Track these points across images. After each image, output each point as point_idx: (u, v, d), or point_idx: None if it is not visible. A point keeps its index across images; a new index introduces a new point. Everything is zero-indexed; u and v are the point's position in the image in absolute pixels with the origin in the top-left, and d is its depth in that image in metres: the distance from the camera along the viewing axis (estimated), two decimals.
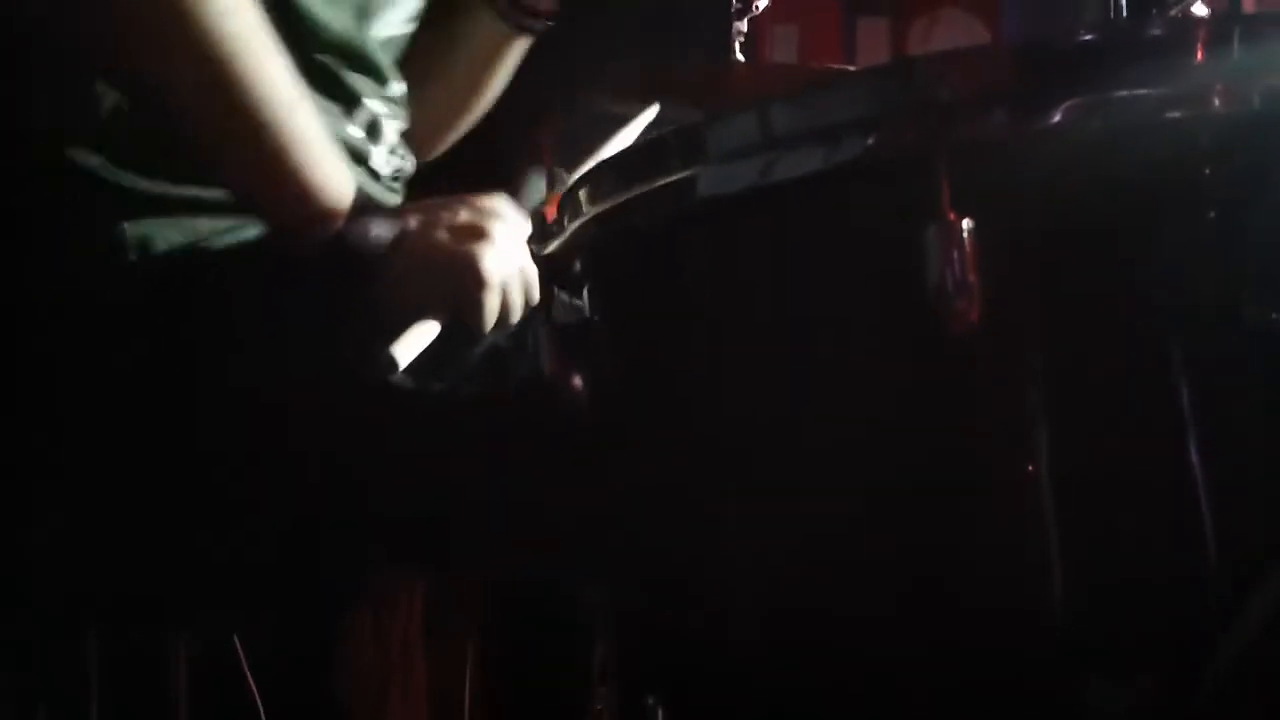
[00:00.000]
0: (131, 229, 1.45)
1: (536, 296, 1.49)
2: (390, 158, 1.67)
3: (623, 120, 1.74)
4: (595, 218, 1.30)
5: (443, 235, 1.48)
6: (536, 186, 1.63)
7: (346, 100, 1.59)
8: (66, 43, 1.42)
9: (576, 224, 1.33)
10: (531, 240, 1.47)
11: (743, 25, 2.12)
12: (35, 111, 1.47)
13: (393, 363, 1.40)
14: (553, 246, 1.39)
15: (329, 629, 1.74)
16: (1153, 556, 1.13)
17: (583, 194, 1.31)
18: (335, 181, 1.45)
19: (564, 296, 1.45)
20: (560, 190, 1.45)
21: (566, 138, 1.89)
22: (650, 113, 1.77)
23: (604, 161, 1.43)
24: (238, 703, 1.65)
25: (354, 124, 1.61)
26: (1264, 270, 1.12)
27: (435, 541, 1.56)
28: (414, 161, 1.73)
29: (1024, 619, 1.13)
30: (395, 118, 1.68)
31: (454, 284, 1.46)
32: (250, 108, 1.39)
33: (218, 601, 1.57)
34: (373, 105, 1.63)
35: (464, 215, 1.49)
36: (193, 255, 1.47)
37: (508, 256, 1.47)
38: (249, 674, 1.62)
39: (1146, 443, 1.13)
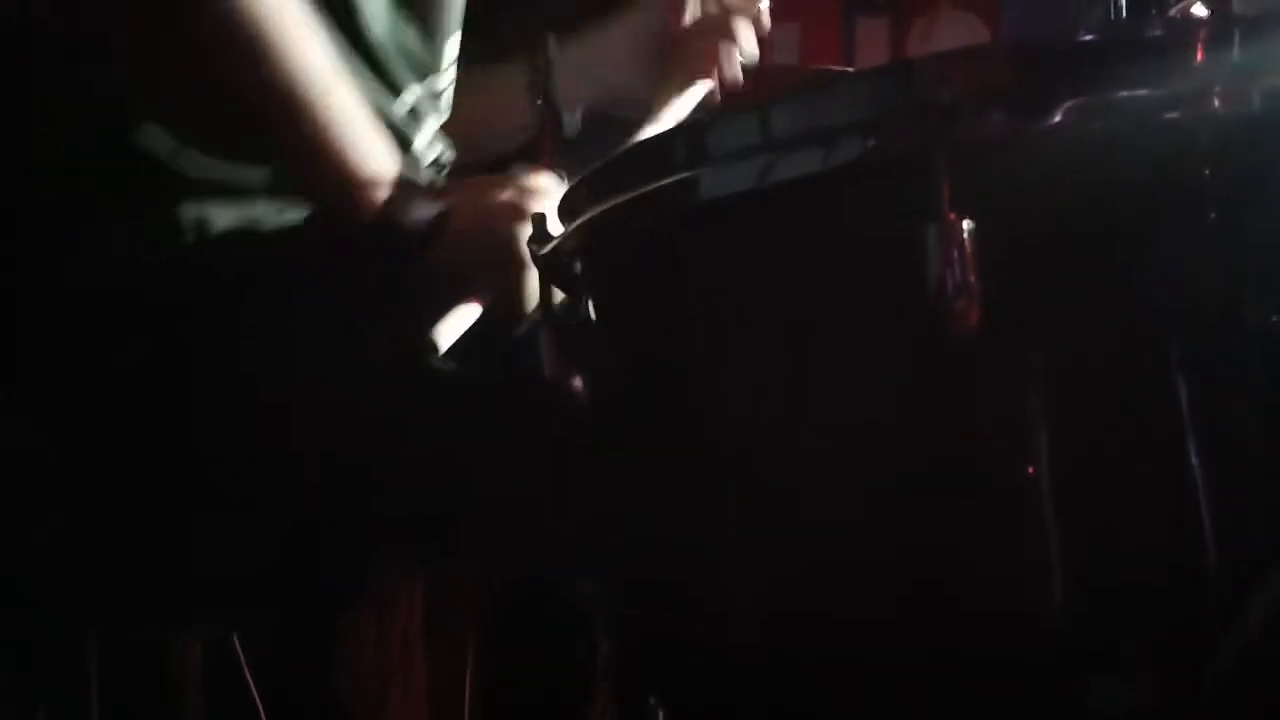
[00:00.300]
0: (188, 211, 1.44)
1: None
2: (435, 146, 1.66)
3: (625, 121, 1.73)
4: (596, 218, 1.30)
5: (485, 215, 1.47)
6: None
7: (392, 86, 1.58)
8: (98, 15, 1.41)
9: (577, 224, 1.33)
10: (531, 240, 1.47)
11: None
12: (93, 90, 1.46)
13: (434, 345, 1.39)
14: (553, 246, 1.39)
15: (329, 629, 1.74)
16: (1153, 557, 1.13)
17: (584, 194, 1.31)
18: (377, 162, 1.44)
19: (564, 296, 1.45)
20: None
21: (568, 140, 1.89)
22: (701, 90, 1.76)
23: (604, 162, 1.43)
24: (238, 703, 1.65)
25: (397, 106, 1.60)
26: (1264, 271, 1.12)
27: (436, 540, 1.56)
28: (453, 152, 1.72)
29: (1024, 620, 1.13)
30: (436, 110, 1.67)
31: (496, 264, 1.45)
32: (284, 82, 1.38)
33: (218, 601, 1.57)
34: (417, 92, 1.62)
35: (507, 194, 1.48)
36: (241, 241, 1.47)
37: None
38: (249, 674, 1.62)
39: (1147, 443, 1.13)
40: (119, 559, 1.49)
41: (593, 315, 1.38)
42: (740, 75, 1.75)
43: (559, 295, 1.44)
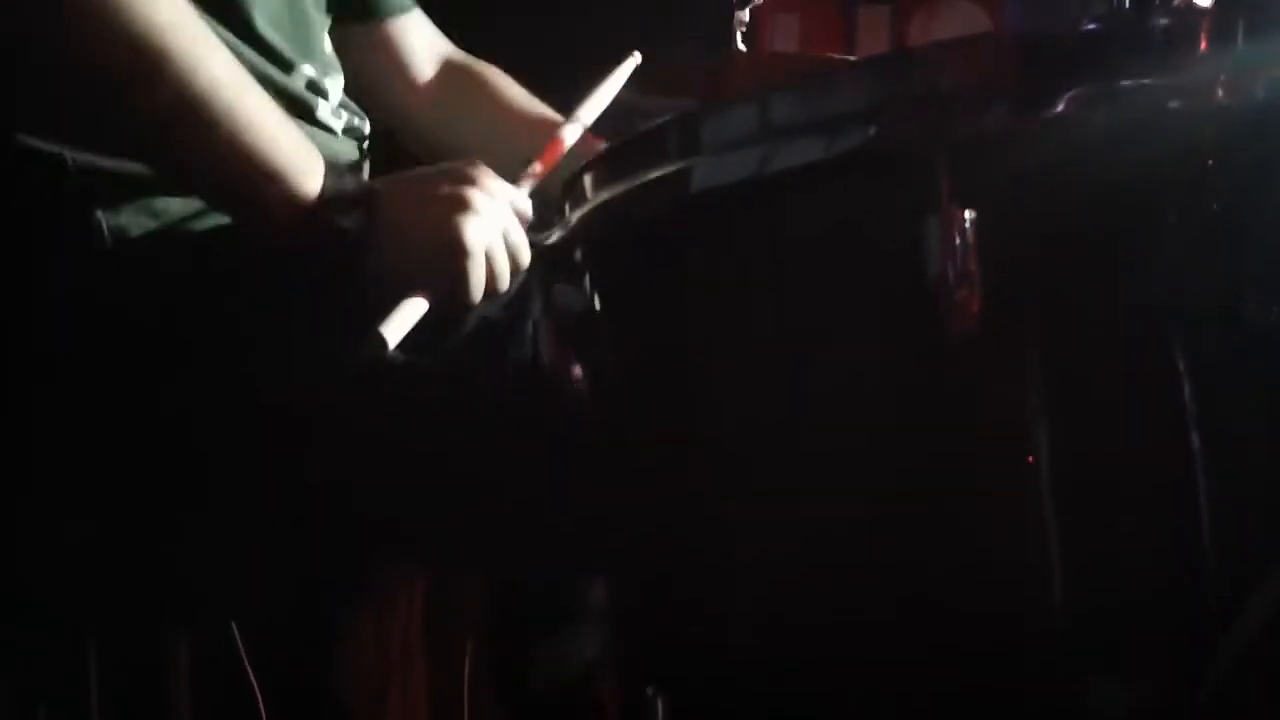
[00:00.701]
0: (106, 218, 1.43)
1: (525, 261, 1.48)
2: (340, 111, 1.65)
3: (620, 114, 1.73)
4: (596, 209, 1.29)
5: (422, 207, 1.46)
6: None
7: (282, 64, 1.58)
8: (6, 43, 1.40)
9: (578, 214, 1.32)
10: (532, 230, 1.46)
11: (744, 14, 2.11)
12: None
13: (382, 342, 1.38)
14: (554, 237, 1.38)
15: (329, 629, 1.74)
16: (1153, 557, 1.12)
17: (584, 184, 1.30)
18: (301, 159, 1.43)
19: (564, 287, 1.45)
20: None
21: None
22: (631, 63, 1.75)
23: (605, 152, 1.42)
24: (238, 703, 1.64)
25: (294, 79, 1.59)
26: (1266, 265, 1.11)
27: (435, 538, 1.55)
28: (369, 122, 1.71)
29: (1024, 620, 1.12)
30: (333, 74, 1.66)
31: (437, 257, 1.44)
32: (197, 96, 1.37)
33: (218, 601, 1.57)
34: (307, 69, 1.61)
35: (443, 186, 1.48)
36: (171, 243, 1.46)
37: (490, 224, 1.45)
38: (250, 674, 1.62)
39: (1147, 440, 1.13)
40: (118, 559, 1.49)
41: (593, 306, 1.38)
42: None
43: (558, 286, 1.44)
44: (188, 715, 1.63)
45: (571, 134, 1.61)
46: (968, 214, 1.09)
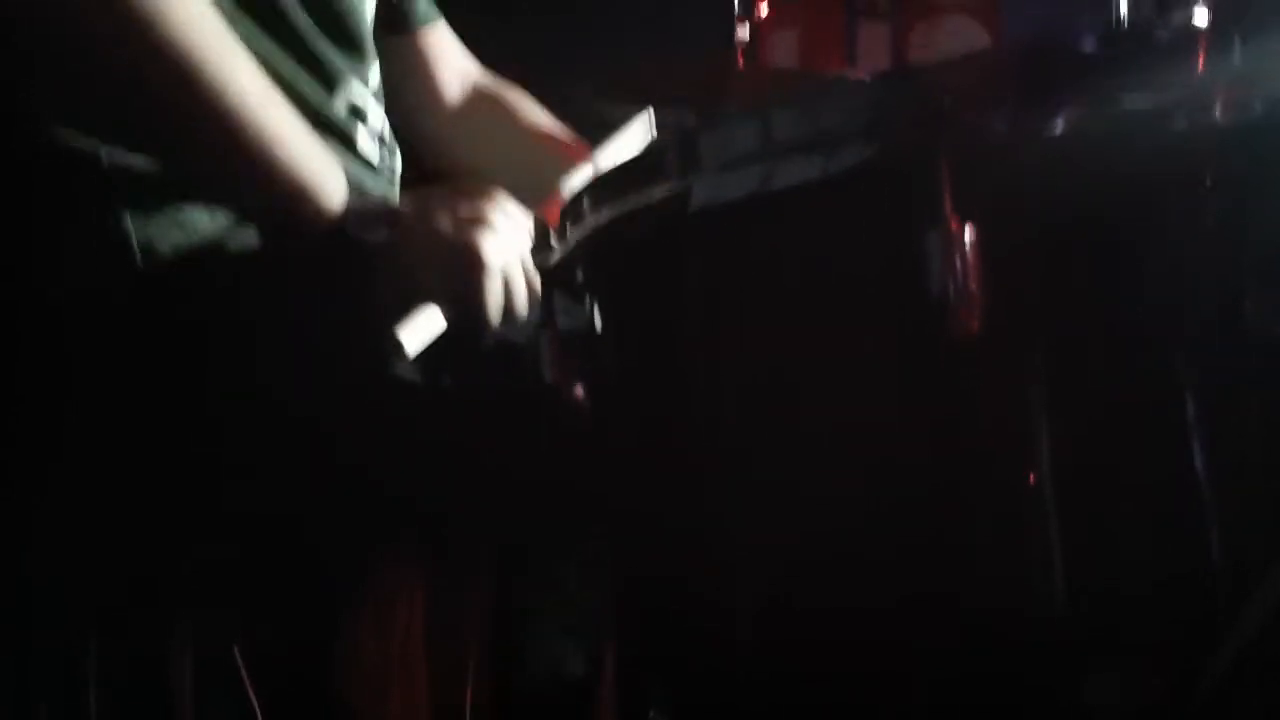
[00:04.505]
0: (137, 231, 1.44)
1: (539, 289, 1.49)
2: (378, 146, 1.66)
3: (618, 125, 1.73)
4: (596, 228, 1.30)
5: (443, 223, 1.47)
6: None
7: (326, 79, 1.59)
8: (33, 45, 1.41)
9: (579, 233, 1.33)
10: (534, 249, 1.47)
11: (744, 31, 2.12)
12: (26, 93, 1.46)
13: (400, 348, 1.39)
14: (556, 256, 1.39)
15: (330, 628, 1.74)
16: (1153, 556, 1.13)
17: (585, 203, 1.31)
18: (325, 176, 1.44)
19: (566, 304, 1.45)
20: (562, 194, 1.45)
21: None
22: (645, 119, 1.76)
23: (605, 171, 1.43)
24: (239, 703, 1.65)
25: (336, 102, 1.60)
26: (1264, 277, 1.12)
27: (440, 539, 1.56)
28: (401, 160, 1.72)
29: (1024, 619, 1.13)
30: (378, 103, 1.67)
31: (456, 271, 1.46)
32: (220, 106, 1.38)
33: (217, 601, 1.57)
34: (354, 86, 1.62)
35: (462, 205, 1.49)
36: (200, 258, 1.47)
37: (508, 244, 1.47)
38: (248, 674, 1.62)
39: (1147, 443, 1.13)
40: (119, 558, 1.49)
41: (595, 322, 1.38)
42: None
43: (561, 302, 1.44)
44: (188, 716, 1.63)
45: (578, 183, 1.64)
46: (968, 227, 1.10)
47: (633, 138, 1.73)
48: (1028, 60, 1.21)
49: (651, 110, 1.76)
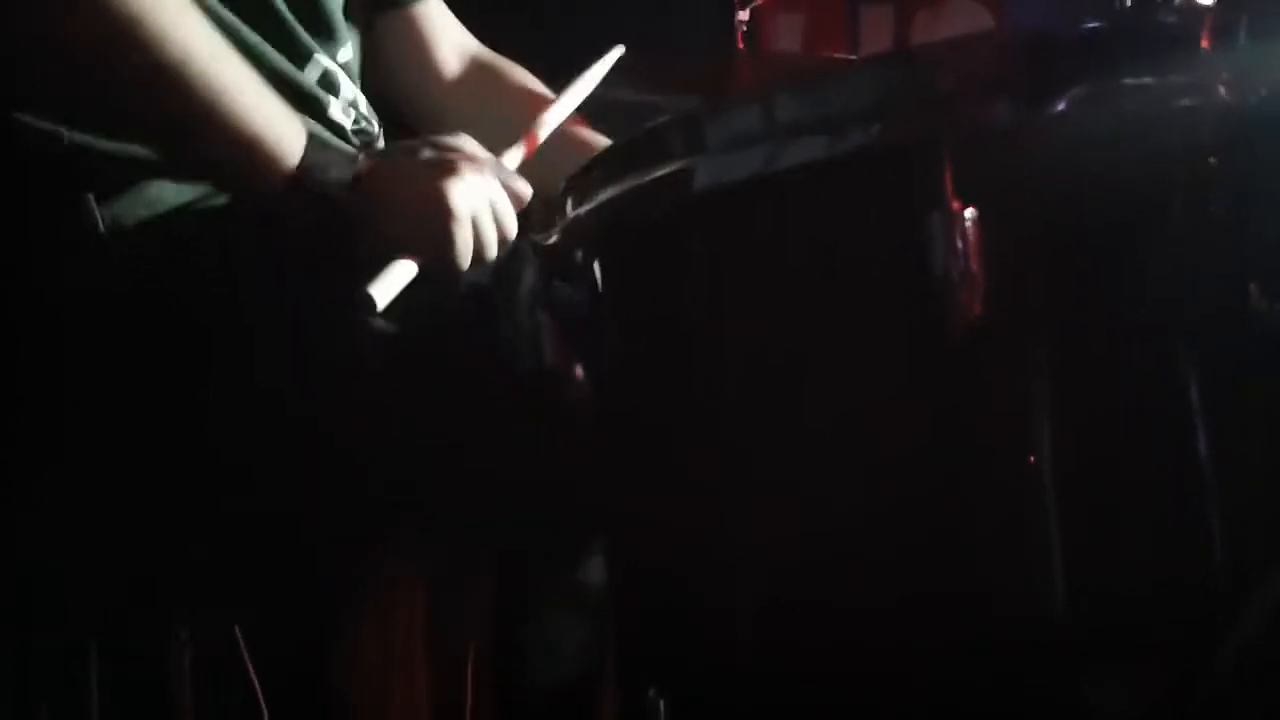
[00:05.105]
0: (100, 209, 1.44)
1: (512, 230, 1.49)
2: (352, 111, 1.66)
3: (622, 111, 1.73)
4: (597, 208, 1.29)
5: (409, 172, 1.47)
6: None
7: (295, 54, 1.59)
8: None
9: (578, 213, 1.33)
10: (533, 230, 1.47)
11: (745, 14, 2.12)
12: None
13: (371, 302, 1.39)
14: (555, 236, 1.38)
15: (331, 628, 1.74)
16: (1154, 555, 1.12)
17: (586, 183, 1.31)
18: (281, 124, 1.44)
19: (566, 286, 1.45)
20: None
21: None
22: (614, 55, 1.75)
23: (607, 151, 1.42)
24: (239, 702, 1.64)
25: (307, 73, 1.60)
26: (1270, 261, 1.11)
27: (435, 530, 1.56)
28: (380, 128, 1.71)
29: (1024, 618, 1.12)
30: (350, 78, 1.67)
31: (423, 219, 1.45)
32: (171, 63, 1.37)
33: (218, 601, 1.57)
34: (324, 61, 1.62)
35: (428, 153, 1.49)
36: (168, 231, 1.47)
37: (476, 190, 1.47)
38: (252, 673, 1.62)
39: (1149, 437, 1.12)
40: (119, 557, 1.49)
41: (594, 304, 1.38)
42: None
43: (560, 285, 1.44)
44: (189, 716, 1.63)
45: (552, 120, 1.63)
46: (970, 212, 1.09)
47: (601, 70, 1.73)
48: (1031, 44, 1.21)
49: (622, 48, 1.75)
